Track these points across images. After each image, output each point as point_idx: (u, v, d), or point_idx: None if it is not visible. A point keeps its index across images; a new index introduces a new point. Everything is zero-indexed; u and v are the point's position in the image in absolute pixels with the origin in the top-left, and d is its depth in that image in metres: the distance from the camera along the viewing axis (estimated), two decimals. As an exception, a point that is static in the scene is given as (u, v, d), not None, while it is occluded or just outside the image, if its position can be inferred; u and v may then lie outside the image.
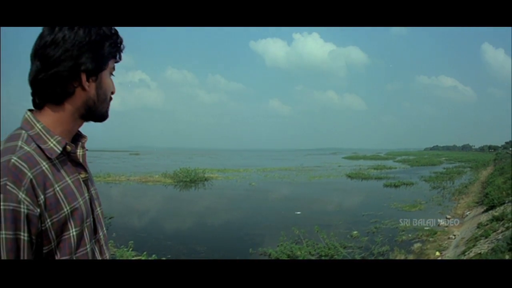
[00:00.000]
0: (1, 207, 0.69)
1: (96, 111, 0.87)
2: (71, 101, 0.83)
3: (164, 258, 6.47)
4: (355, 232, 8.51)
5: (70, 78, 0.81)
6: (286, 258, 6.69)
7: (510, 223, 6.29)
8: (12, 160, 0.73)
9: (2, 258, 0.70)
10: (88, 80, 0.83)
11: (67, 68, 0.80)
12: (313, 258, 6.74)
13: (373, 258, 6.77)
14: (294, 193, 16.74)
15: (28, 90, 0.84)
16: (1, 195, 0.70)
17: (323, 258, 6.71)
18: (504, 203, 8.65)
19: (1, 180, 0.71)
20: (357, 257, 6.78)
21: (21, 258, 0.72)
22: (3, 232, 0.69)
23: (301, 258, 6.68)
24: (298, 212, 11.26)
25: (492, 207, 8.86)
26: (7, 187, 0.70)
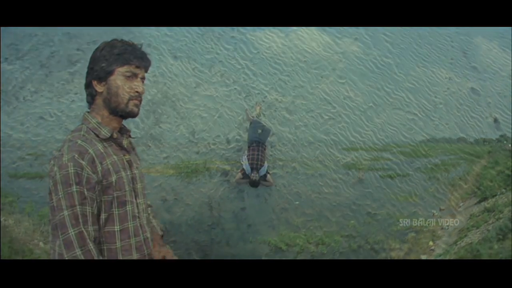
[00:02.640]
0: (72, 170, 1.02)
1: (112, 106, 1.14)
2: (96, 101, 1.16)
3: (167, 246, 6.67)
4: (351, 221, 8.74)
5: (90, 85, 1.15)
6: (285, 247, 6.92)
7: (501, 215, 6.53)
8: (79, 142, 1.08)
9: (76, 205, 0.98)
10: (100, 84, 1.13)
11: (87, 80, 1.15)
12: (311, 246, 6.98)
13: (368, 247, 7.02)
14: (293, 183, 16.92)
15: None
16: (71, 163, 1.02)
17: (320, 246, 6.95)
18: (496, 195, 8.87)
19: (72, 153, 1.04)
20: (353, 246, 7.02)
21: (86, 206, 1.01)
22: (74, 187, 1.01)
23: (299, 246, 6.91)
24: (297, 202, 11.47)
25: (484, 199, 9.02)
26: (75, 157, 1.04)
